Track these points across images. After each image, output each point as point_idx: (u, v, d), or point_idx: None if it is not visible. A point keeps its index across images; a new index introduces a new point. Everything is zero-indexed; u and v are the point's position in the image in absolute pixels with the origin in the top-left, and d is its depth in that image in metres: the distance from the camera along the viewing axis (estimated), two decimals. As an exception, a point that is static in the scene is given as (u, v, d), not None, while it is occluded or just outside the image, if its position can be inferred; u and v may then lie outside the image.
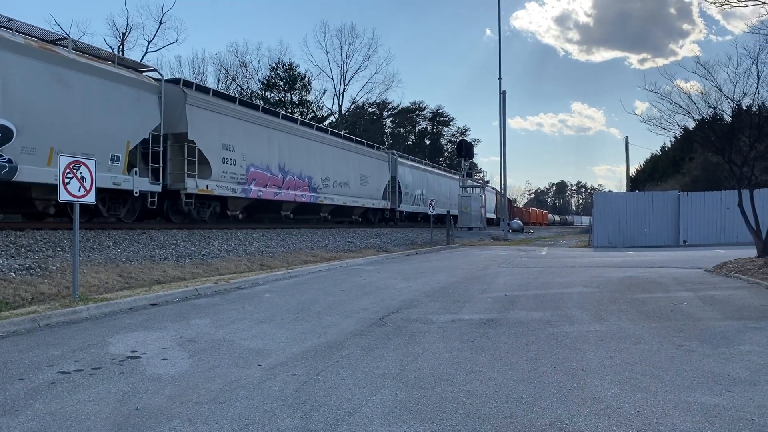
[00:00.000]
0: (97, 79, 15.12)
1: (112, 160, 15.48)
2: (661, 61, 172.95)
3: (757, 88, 13.42)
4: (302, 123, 27.34)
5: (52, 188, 11.48)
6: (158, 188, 17.40)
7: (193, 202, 18.77)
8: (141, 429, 3.95)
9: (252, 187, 21.34)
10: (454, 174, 51.76)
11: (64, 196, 8.59)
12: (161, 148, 17.15)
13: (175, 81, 18.87)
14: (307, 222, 28.73)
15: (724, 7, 10.93)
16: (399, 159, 37.86)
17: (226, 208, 21.22)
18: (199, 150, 18.35)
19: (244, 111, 21.54)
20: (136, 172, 16.24)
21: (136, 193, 16.37)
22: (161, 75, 18.58)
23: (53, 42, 14.89)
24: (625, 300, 9.62)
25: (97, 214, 16.47)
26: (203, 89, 20.25)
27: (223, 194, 19.91)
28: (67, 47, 14.91)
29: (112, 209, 16.89)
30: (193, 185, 18.25)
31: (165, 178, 17.88)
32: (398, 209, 36.74)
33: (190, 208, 18.79)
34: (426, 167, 45.03)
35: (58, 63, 14.07)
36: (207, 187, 18.97)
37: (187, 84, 19.23)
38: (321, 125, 36.69)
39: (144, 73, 17.63)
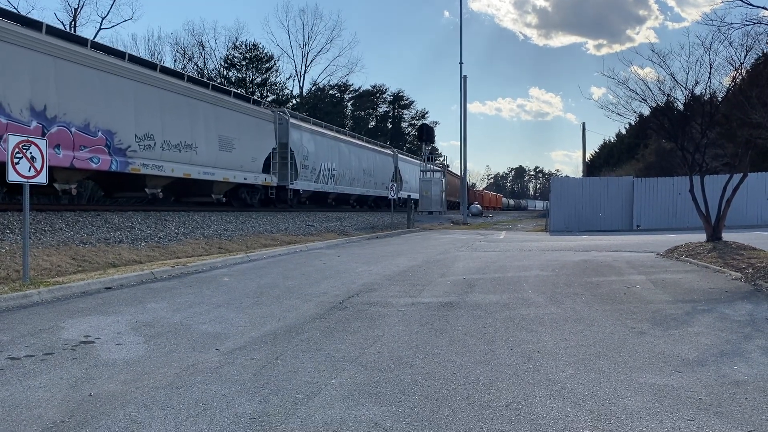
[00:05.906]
0: None
1: None
2: (617, 47, 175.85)
3: (709, 77, 13.75)
4: (96, 46, 16.92)
5: None
6: None
7: None
8: (94, 415, 3.86)
9: None
10: (384, 148, 44.88)
11: (13, 177, 8.31)
12: None
13: None
14: (131, 203, 19.99)
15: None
16: (292, 120, 27.71)
17: None
18: None
19: None
20: None
21: None
22: None
23: None
24: (580, 283, 9.83)
25: None
26: None
27: None
28: None
29: None
30: None
31: None
32: (291, 187, 27.38)
33: None
34: (338, 134, 34.72)
35: None
36: None
37: None
38: (147, 59, 23.39)
39: None
